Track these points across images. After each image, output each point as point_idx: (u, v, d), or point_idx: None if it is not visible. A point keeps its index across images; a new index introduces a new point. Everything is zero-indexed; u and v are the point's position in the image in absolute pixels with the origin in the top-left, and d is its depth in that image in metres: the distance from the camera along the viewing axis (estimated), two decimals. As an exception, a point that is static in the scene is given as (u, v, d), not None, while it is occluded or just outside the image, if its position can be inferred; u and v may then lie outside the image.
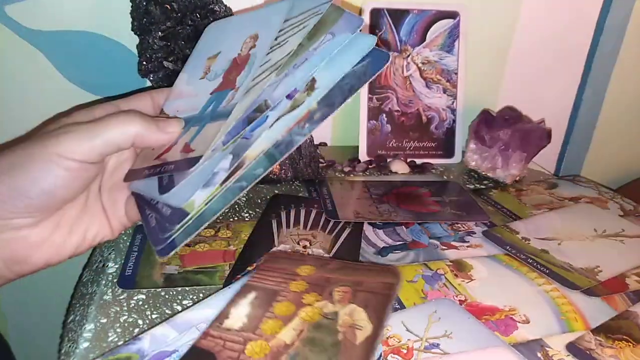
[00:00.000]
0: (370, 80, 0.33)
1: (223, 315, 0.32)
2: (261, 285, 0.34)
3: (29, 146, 0.31)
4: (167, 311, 0.36)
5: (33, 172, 0.30)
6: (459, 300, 0.38)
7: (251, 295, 0.33)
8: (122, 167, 0.37)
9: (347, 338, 0.29)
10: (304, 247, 0.43)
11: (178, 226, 0.31)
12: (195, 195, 0.31)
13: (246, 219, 0.49)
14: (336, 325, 0.30)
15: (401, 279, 0.34)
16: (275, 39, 0.34)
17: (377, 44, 0.33)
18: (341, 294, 0.33)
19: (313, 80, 0.32)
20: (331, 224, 0.47)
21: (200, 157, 0.30)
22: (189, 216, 0.31)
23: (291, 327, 0.30)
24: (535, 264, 0.42)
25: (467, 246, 0.45)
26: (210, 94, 0.35)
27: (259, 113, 0.31)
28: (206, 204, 0.32)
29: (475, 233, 0.48)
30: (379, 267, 0.37)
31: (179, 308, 0.36)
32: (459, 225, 0.49)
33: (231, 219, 0.49)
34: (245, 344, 0.29)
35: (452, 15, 0.64)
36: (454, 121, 0.65)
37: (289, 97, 0.32)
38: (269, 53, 0.33)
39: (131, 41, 0.55)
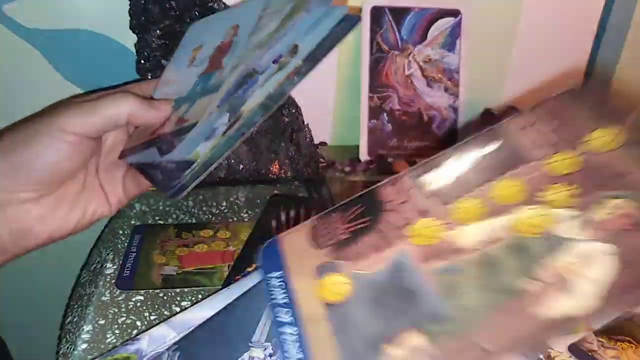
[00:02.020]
0: (345, 36, 0.35)
1: (434, 163, 0.23)
2: (516, 136, 0.21)
3: (32, 124, 0.34)
4: (165, 312, 0.36)
5: (37, 146, 0.33)
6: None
7: (491, 147, 0.22)
8: (117, 148, 0.39)
9: (534, 296, 0.17)
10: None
11: (187, 172, 0.33)
12: (199, 147, 0.33)
13: (245, 220, 0.48)
14: (544, 264, 0.18)
15: None
16: (255, 25, 0.36)
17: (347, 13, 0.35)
18: (614, 212, 0.18)
19: (295, 47, 0.34)
20: (331, 224, 0.46)
21: (196, 123, 0.32)
22: (196, 163, 0.33)
23: (489, 227, 0.19)
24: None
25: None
26: (198, 77, 0.37)
27: (249, 78, 0.33)
28: (211, 150, 0.33)
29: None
30: None
31: (178, 309, 0.36)
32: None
33: (230, 220, 0.48)
34: (419, 217, 0.21)
35: (454, 13, 0.63)
36: (456, 120, 0.65)
37: (274, 62, 0.34)
38: (250, 37, 0.35)
39: (129, 40, 0.55)
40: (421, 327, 0.18)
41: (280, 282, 0.25)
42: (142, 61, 0.50)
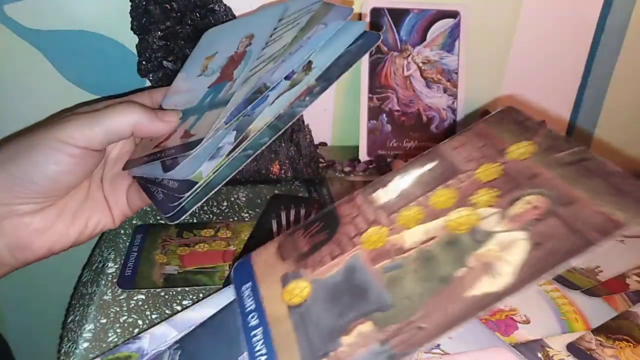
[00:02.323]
0: (364, 55, 0.34)
1: (382, 182, 0.27)
2: (450, 155, 0.26)
3: (33, 135, 0.32)
4: (167, 311, 0.36)
5: (37, 158, 0.32)
6: (459, 301, 0.38)
7: (429, 165, 0.27)
8: (123, 159, 0.38)
9: (462, 281, 0.20)
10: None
11: (188, 194, 0.32)
12: (202, 167, 0.32)
13: (246, 219, 0.49)
14: (471, 254, 0.21)
15: (636, 215, 0.20)
16: (270, 36, 0.35)
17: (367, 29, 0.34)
18: (525, 206, 0.22)
19: (309, 63, 0.33)
20: (331, 224, 0.47)
21: (202, 139, 0.31)
22: (198, 184, 0.32)
23: (425, 228, 0.23)
24: (535, 264, 0.42)
25: (468, 246, 0.45)
26: (208, 87, 0.36)
27: (258, 94, 0.32)
28: (214, 172, 0.32)
29: (475, 233, 0.48)
30: (633, 183, 0.22)
31: (179, 308, 0.36)
32: (459, 225, 0.49)
33: (231, 219, 0.49)
34: (370, 226, 0.24)
35: (453, 14, 0.64)
36: (455, 121, 0.65)
37: (287, 78, 0.33)
38: (264, 48, 0.34)
39: (130, 41, 0.55)
40: (369, 317, 0.21)
41: (249, 291, 0.28)
42: (144, 62, 0.51)
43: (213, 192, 0.32)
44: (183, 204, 0.32)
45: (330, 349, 0.20)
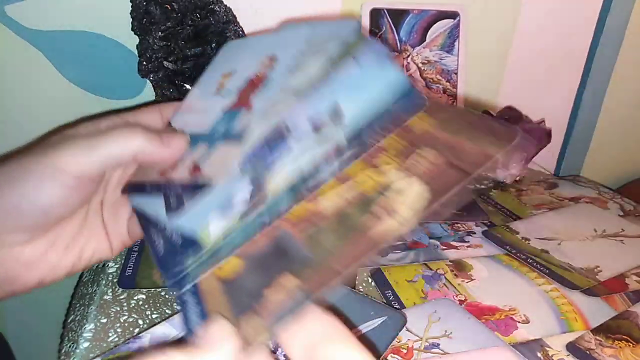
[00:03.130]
0: (406, 121, 0.29)
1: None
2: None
3: (24, 160, 0.29)
4: (167, 311, 0.36)
5: (26, 188, 0.28)
6: (459, 300, 0.38)
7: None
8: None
9: (366, 224, 0.23)
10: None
11: (192, 260, 0.28)
12: (211, 225, 0.28)
13: (246, 219, 0.49)
14: (375, 203, 0.24)
15: (505, 147, 0.24)
16: (295, 62, 0.31)
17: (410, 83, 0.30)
18: (417, 160, 0.26)
19: (338, 109, 0.29)
20: (331, 224, 0.47)
21: (212, 183, 0.28)
22: (205, 250, 0.28)
23: (337, 192, 0.26)
24: (535, 264, 0.42)
25: (467, 246, 0.45)
26: (223, 111, 0.32)
27: (278, 137, 0.28)
28: (224, 237, 0.28)
29: (475, 233, 0.48)
30: (504, 125, 0.26)
31: (179, 308, 0.36)
32: (459, 225, 0.49)
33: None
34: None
35: (452, 15, 0.64)
36: (454, 121, 0.65)
37: (314, 125, 0.29)
38: (287, 76, 0.31)
39: (131, 41, 0.55)
40: (291, 271, 0.23)
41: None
42: (144, 62, 0.51)
43: (223, 260, 0.27)
44: (186, 271, 0.28)
45: (256, 303, 0.23)
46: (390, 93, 0.29)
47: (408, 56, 0.64)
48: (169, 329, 0.32)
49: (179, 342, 0.27)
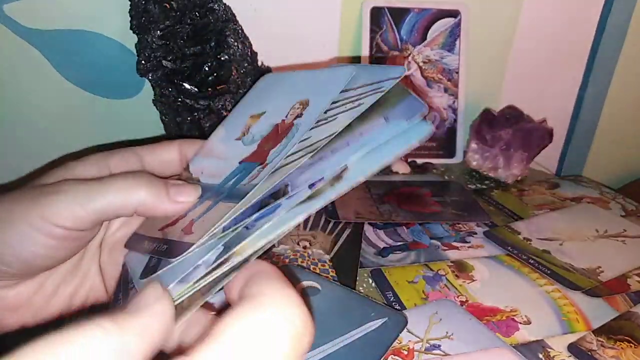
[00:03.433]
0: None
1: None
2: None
3: (11, 202, 0.26)
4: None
5: (9, 236, 0.25)
6: (460, 301, 0.37)
7: None
8: (131, 223, 0.31)
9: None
10: (304, 247, 0.43)
11: None
12: (171, 286, 0.25)
13: (246, 219, 0.48)
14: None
15: None
16: (325, 112, 0.28)
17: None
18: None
19: (345, 169, 0.27)
20: (331, 224, 0.47)
21: (193, 244, 0.26)
22: None
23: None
24: (536, 264, 0.42)
25: (469, 247, 0.45)
26: (239, 162, 0.30)
27: (273, 200, 0.26)
28: (179, 298, 0.25)
29: (476, 233, 0.48)
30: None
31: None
32: (460, 225, 0.49)
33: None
34: None
35: (453, 14, 0.64)
36: (455, 121, 0.65)
37: (311, 186, 0.26)
38: (312, 128, 0.28)
39: (130, 40, 0.55)
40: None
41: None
42: (143, 61, 0.50)
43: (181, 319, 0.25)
44: None
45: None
46: (405, 146, 0.27)
47: (409, 55, 0.63)
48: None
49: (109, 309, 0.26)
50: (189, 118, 0.51)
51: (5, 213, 0.26)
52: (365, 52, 0.62)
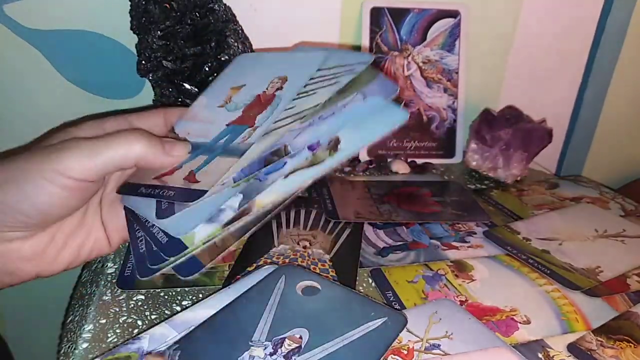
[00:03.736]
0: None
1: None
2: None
3: (25, 160, 0.30)
4: (166, 312, 0.36)
5: (27, 188, 0.29)
6: (460, 301, 0.37)
7: None
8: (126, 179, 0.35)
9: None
10: (304, 247, 0.43)
11: (171, 259, 0.30)
12: (197, 228, 0.30)
13: (246, 219, 0.48)
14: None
15: None
16: (304, 86, 0.32)
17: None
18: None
19: (337, 140, 0.32)
20: (331, 224, 0.47)
21: (206, 190, 0.29)
22: (185, 252, 0.30)
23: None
24: (536, 264, 0.42)
25: (468, 246, 0.45)
26: (227, 125, 0.34)
27: (276, 157, 0.30)
28: (204, 243, 0.30)
29: (476, 233, 0.48)
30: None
31: (178, 309, 0.36)
32: (459, 225, 0.49)
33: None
34: None
35: (453, 14, 0.64)
36: (455, 121, 0.65)
37: (310, 148, 0.31)
38: (295, 99, 0.32)
39: (130, 40, 0.55)
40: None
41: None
42: (143, 62, 0.50)
43: (185, 259, 0.30)
44: (161, 268, 0.30)
45: None
46: (387, 128, 0.32)
47: (409, 55, 0.63)
48: (168, 329, 0.32)
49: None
50: (189, 118, 0.51)
51: (20, 171, 0.29)
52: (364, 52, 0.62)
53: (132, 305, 0.37)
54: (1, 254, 0.31)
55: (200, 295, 0.38)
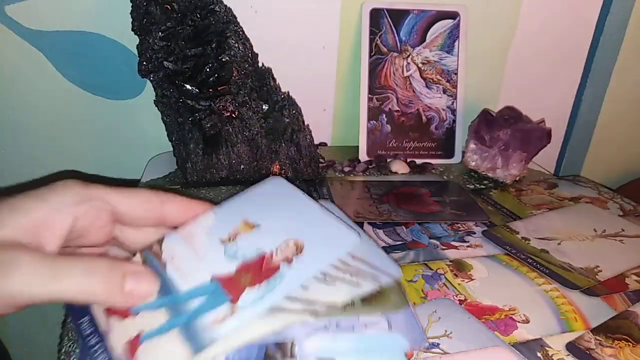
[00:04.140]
0: None
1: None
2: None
3: None
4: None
5: None
6: (459, 300, 0.38)
7: None
8: (90, 233, 0.28)
9: None
10: (304, 247, 0.43)
11: None
12: None
13: (246, 219, 0.48)
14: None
15: None
16: (321, 271, 0.27)
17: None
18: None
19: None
20: (331, 224, 0.47)
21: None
22: None
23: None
24: (535, 263, 0.42)
25: (467, 246, 0.45)
26: (211, 278, 0.27)
27: (279, 353, 0.25)
28: None
29: (475, 233, 0.48)
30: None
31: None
32: (458, 225, 0.49)
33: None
34: None
35: (452, 15, 0.64)
36: (454, 121, 0.65)
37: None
38: (303, 285, 0.27)
39: (131, 41, 0.55)
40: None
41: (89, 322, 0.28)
42: (144, 62, 0.51)
43: None
44: None
45: None
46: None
47: (408, 56, 0.64)
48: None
49: None
50: (190, 119, 0.51)
51: None
52: (364, 53, 0.62)
53: (134, 305, 0.37)
54: None
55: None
